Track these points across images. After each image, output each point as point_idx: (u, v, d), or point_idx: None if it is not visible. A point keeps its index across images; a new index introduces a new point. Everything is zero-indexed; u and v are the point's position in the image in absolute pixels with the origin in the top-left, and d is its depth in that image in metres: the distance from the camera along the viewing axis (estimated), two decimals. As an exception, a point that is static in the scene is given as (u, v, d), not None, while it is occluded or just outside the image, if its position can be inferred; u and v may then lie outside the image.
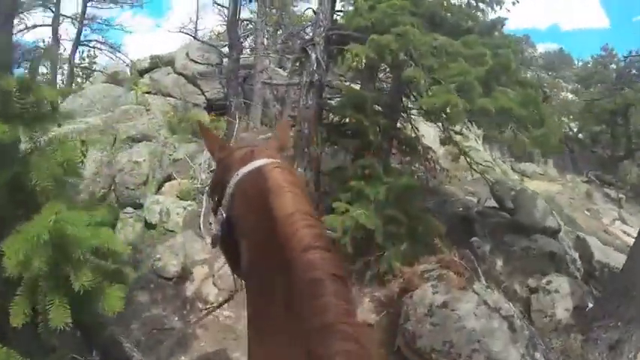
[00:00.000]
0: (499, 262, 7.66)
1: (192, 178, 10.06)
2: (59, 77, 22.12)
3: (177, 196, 9.33)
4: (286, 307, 1.18)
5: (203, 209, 8.91)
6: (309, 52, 7.69)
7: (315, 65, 7.56)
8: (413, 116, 8.32)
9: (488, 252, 7.76)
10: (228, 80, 13.94)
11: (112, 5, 21.63)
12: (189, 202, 9.15)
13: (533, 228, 8.34)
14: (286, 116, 17.51)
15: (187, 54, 18.19)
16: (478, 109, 5.92)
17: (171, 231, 8.61)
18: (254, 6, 16.23)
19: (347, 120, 7.69)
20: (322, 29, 7.75)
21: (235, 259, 1.51)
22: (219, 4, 15.40)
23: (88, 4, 20.91)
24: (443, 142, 9.90)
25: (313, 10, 8.17)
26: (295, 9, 20.11)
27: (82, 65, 24.28)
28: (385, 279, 6.63)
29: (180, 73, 17.84)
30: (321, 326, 1.08)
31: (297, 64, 9.03)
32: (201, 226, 8.40)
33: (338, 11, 8.54)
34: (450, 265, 6.31)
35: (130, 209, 9.02)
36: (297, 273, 1.17)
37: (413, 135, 8.15)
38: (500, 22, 8.00)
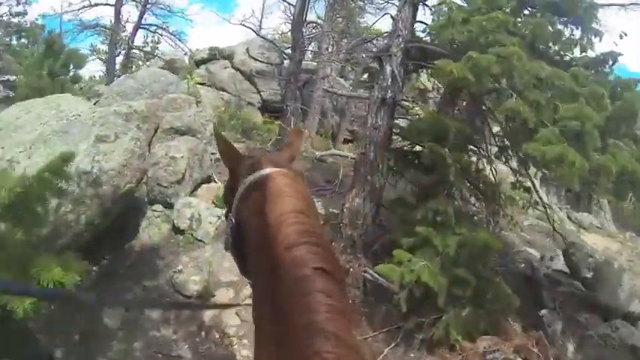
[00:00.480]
0: (570, 348, 6.37)
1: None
2: (119, 58, 21.88)
3: (213, 202, 8.38)
4: (277, 307, 1.18)
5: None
6: (384, 64, 6.60)
7: (390, 80, 6.47)
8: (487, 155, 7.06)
9: (559, 332, 6.48)
10: (287, 82, 12.98)
11: None
12: (224, 210, 8.12)
13: (615, 311, 7.02)
14: (344, 130, 16.73)
15: (247, 50, 17.49)
16: (594, 167, 4.69)
17: (200, 240, 7.72)
18: (321, 10, 15.42)
19: (418, 148, 6.57)
20: (401, 39, 6.66)
21: (244, 263, 1.57)
22: (285, 1, 14.55)
23: None
24: (514, 187, 8.58)
25: (391, 16, 7.03)
26: (362, 20, 19.03)
27: (144, 49, 24.05)
28: (437, 348, 5.46)
29: (237, 69, 17.16)
30: (304, 325, 1.07)
31: (366, 75, 7.98)
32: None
33: (419, 21, 7.38)
34: (521, 349, 5.13)
35: (159, 207, 8.17)
36: (284, 271, 1.18)
37: (491, 177, 6.88)
38: (612, 56, 6.44)
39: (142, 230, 7.86)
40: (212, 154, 9.93)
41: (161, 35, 22.12)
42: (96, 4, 20.26)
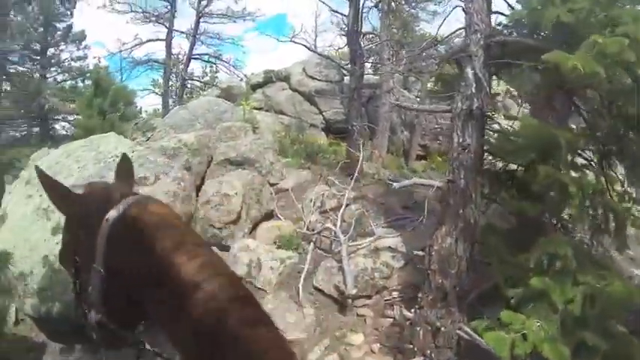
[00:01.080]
0: None
1: (299, 219, 8.09)
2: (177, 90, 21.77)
3: (276, 243, 7.38)
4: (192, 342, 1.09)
5: (306, 265, 6.92)
6: (464, 67, 5.37)
7: (474, 86, 5.19)
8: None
9: None
10: (350, 100, 11.80)
11: (224, 20, 20.83)
12: (289, 253, 7.17)
13: None
14: (416, 145, 15.43)
15: (304, 69, 16.70)
16: None
17: (261, 289, 6.71)
18: (375, 20, 14.28)
19: (517, 168, 5.28)
20: (479, 35, 5.39)
21: (120, 315, 1.28)
22: (337, 12, 13.56)
23: (201, 19, 20.34)
24: (621, 199, 6.91)
25: (463, 9, 5.70)
26: (417, 28, 17.77)
27: (203, 79, 23.92)
28: None
29: (295, 90, 16.37)
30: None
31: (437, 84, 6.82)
32: (300, 291, 6.42)
33: (495, 12, 6.06)
34: None
35: (213, 250, 7.25)
36: (200, 305, 1.07)
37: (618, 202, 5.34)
38: None
39: None
40: (272, 184, 9.05)
41: (215, 64, 21.79)
42: (148, 40, 20.37)
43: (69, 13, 20.35)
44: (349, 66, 11.46)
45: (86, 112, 10.53)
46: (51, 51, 20.07)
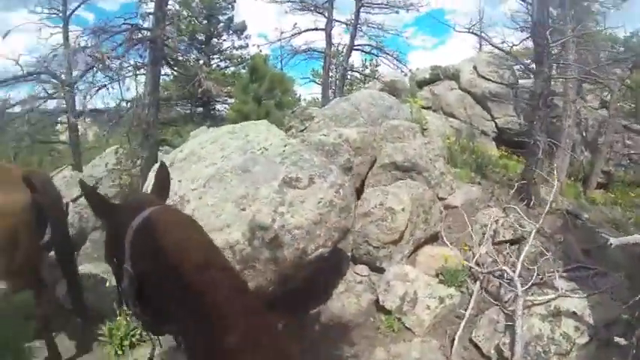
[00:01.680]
0: None
1: (466, 247, 6.55)
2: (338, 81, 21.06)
3: (438, 275, 5.93)
4: (199, 332, 1.24)
5: (468, 311, 5.42)
6: None
7: None
8: None
9: None
10: (534, 108, 9.66)
11: (385, 11, 19.44)
12: (451, 290, 5.77)
13: None
14: (598, 171, 12.73)
15: (475, 67, 14.84)
16: None
17: (409, 329, 5.43)
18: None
19: None
20: None
21: (152, 309, 1.49)
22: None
23: (362, 9, 19.20)
24: None
25: None
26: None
27: (363, 72, 22.97)
28: None
29: (466, 90, 14.62)
30: (231, 345, 1.16)
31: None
32: (455, 343, 5.05)
33: None
34: None
35: (364, 270, 6.08)
36: (202, 296, 1.24)
37: None
38: None
39: (336, 294, 5.82)
40: (441, 198, 7.56)
41: (377, 56, 20.55)
42: (306, 30, 19.91)
43: (230, 6, 21.99)
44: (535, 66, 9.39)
45: (241, 96, 9.98)
46: (214, 41, 21.94)
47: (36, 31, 9.90)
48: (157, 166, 5.95)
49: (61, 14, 10.91)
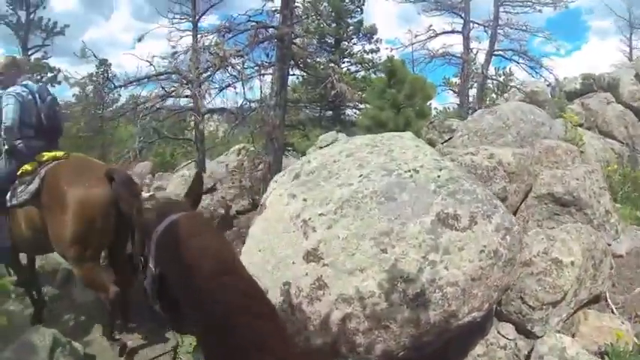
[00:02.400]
0: None
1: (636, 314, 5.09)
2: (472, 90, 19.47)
3: (604, 357, 4.53)
4: (209, 334, 1.29)
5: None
6: None
7: None
8: None
9: None
10: None
11: (527, 10, 17.45)
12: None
13: None
14: None
15: (637, 76, 12.73)
16: None
17: None
18: None
19: None
20: None
21: (169, 306, 1.62)
22: None
23: (501, 8, 17.35)
24: None
25: None
26: None
27: (495, 79, 21.16)
28: None
29: (627, 105, 12.58)
30: (236, 346, 1.19)
31: None
32: None
33: None
34: None
35: (510, 333, 4.75)
36: (211, 300, 1.27)
37: None
38: None
39: (472, 356, 4.64)
40: (609, 243, 6.09)
41: (518, 63, 18.51)
42: (443, 32, 18.56)
43: (359, 9, 21.86)
44: None
45: (377, 102, 9.06)
46: (344, 44, 21.79)
47: (167, 35, 10.05)
48: (280, 174, 5.16)
49: (190, 18, 11.16)
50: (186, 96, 9.18)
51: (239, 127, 8.86)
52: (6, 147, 4.97)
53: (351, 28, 21.49)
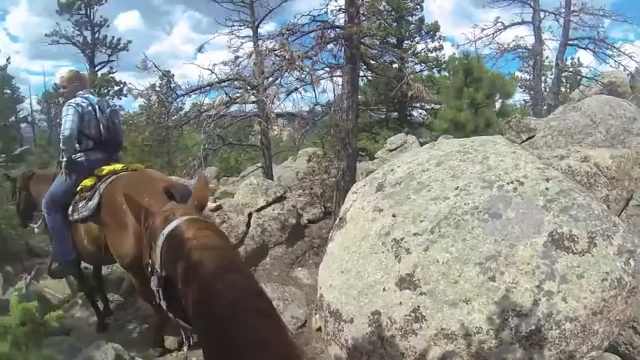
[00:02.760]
0: None
1: None
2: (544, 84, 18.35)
3: None
4: (214, 332, 1.31)
5: None
6: None
7: None
8: None
9: None
10: None
11: None
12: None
13: None
14: None
15: None
16: None
17: None
18: None
19: None
20: None
21: (177, 306, 1.63)
22: None
23: None
24: None
25: None
26: None
27: (571, 71, 19.92)
28: None
29: None
30: (242, 343, 1.19)
31: None
32: None
33: None
34: None
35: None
36: (216, 299, 1.31)
37: None
38: None
39: None
40: None
41: (594, 52, 17.14)
42: (511, 24, 17.51)
43: (419, 6, 21.22)
44: None
45: (454, 102, 8.55)
46: (407, 43, 21.12)
47: (228, 43, 9.99)
48: (360, 184, 4.80)
49: (250, 24, 11.09)
50: (253, 102, 9.01)
51: (307, 134, 8.53)
52: (65, 159, 4.91)
53: (412, 26, 20.89)
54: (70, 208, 4.80)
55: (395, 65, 12.96)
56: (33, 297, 5.89)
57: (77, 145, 4.99)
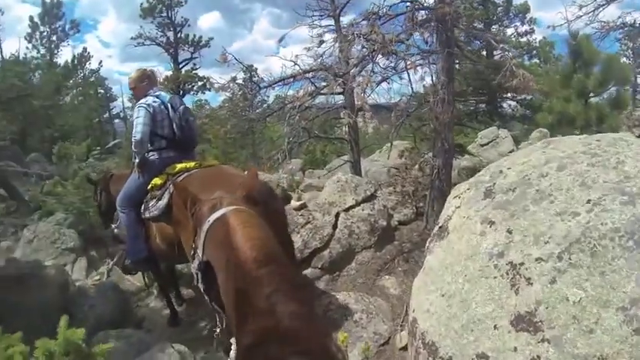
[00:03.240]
0: None
1: None
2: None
3: None
4: (249, 322, 1.29)
5: None
6: None
7: None
8: None
9: None
10: None
11: None
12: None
13: None
14: None
15: None
16: None
17: None
18: None
19: None
20: None
21: (216, 293, 1.71)
22: None
23: None
24: None
25: None
26: None
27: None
28: None
29: None
30: (277, 335, 1.20)
31: None
32: None
33: None
34: None
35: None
36: (254, 289, 1.33)
37: None
38: None
39: None
40: None
41: None
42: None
43: None
44: None
45: (561, 92, 7.48)
46: (495, 28, 19.99)
47: (310, 32, 9.51)
48: (462, 187, 4.11)
49: (330, 13, 10.62)
50: (339, 93, 8.45)
51: (400, 127, 7.80)
52: (137, 160, 4.82)
53: (500, 9, 19.33)
54: (142, 207, 4.76)
55: (484, 52, 11.92)
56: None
57: (150, 145, 4.84)
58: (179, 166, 4.68)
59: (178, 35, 27.12)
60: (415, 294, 3.99)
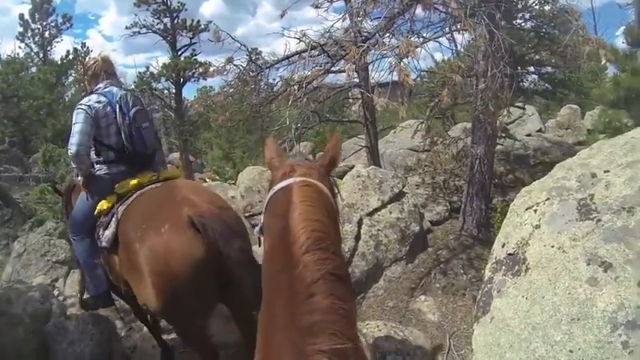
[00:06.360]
0: None
1: None
2: None
3: None
4: (284, 307, 1.28)
5: None
6: None
7: None
8: None
9: None
10: None
11: None
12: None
13: None
14: None
15: None
16: None
17: None
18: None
19: None
20: None
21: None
22: None
23: None
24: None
25: None
26: None
27: None
28: None
29: None
30: (309, 325, 1.18)
31: None
32: None
33: None
34: None
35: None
36: (296, 273, 1.29)
37: None
38: None
39: None
40: None
41: None
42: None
43: None
44: None
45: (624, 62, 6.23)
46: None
47: (315, 2, 8.17)
48: (538, 197, 2.88)
49: None
50: (355, 70, 7.18)
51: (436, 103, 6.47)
52: (80, 178, 3.89)
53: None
54: (95, 234, 3.78)
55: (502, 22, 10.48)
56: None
57: (96, 156, 3.87)
58: (131, 182, 3.74)
59: (175, 21, 26.08)
60: (481, 350, 2.84)
